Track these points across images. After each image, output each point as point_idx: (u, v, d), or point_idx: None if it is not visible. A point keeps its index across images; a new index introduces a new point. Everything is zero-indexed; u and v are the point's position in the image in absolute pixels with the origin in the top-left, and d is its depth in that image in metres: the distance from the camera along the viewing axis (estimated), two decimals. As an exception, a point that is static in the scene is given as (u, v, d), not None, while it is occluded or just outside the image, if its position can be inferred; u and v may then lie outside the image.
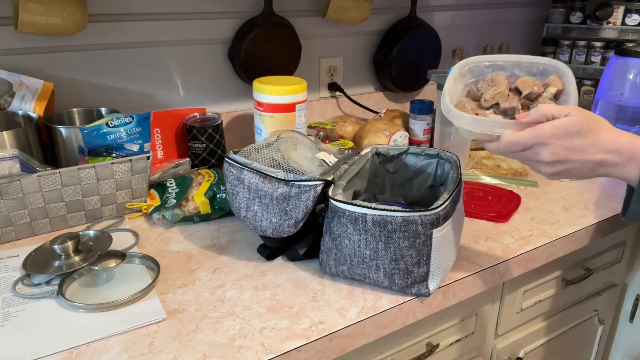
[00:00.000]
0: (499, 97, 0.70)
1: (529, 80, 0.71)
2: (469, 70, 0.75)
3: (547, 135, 0.60)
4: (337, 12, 1.25)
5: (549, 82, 0.71)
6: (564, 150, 0.61)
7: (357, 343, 0.70)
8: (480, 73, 0.75)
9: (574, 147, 0.61)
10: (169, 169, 1.04)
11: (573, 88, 0.68)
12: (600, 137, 0.61)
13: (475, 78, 0.75)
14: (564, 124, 0.60)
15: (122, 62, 1.11)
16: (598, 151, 0.61)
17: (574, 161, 0.61)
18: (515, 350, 1.04)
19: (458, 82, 0.74)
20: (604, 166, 0.62)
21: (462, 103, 0.71)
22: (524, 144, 0.62)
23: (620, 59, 1.24)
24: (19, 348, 0.62)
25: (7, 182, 0.81)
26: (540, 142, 0.61)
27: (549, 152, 0.61)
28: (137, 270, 0.79)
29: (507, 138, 0.63)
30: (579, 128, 0.60)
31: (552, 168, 0.62)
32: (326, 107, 1.42)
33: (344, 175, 0.81)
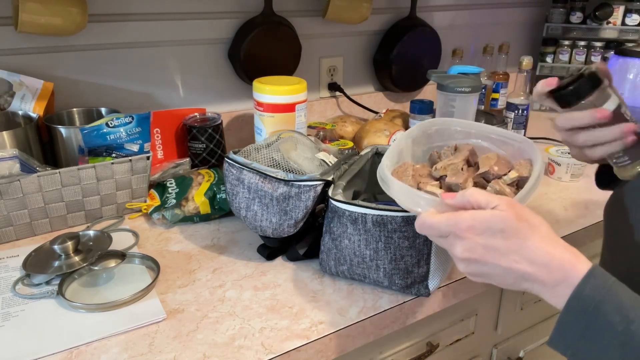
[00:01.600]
0: (450, 168, 0.61)
1: (494, 157, 0.62)
2: (437, 132, 0.66)
3: (463, 226, 0.49)
4: (337, 12, 1.25)
5: (515, 165, 0.62)
6: (480, 249, 0.49)
7: (357, 343, 0.70)
8: (448, 138, 0.66)
9: (493, 247, 0.49)
10: (169, 169, 1.04)
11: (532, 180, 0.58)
12: (530, 243, 0.48)
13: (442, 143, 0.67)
14: (486, 218, 0.49)
15: (122, 62, 1.11)
16: (522, 260, 0.49)
17: (492, 265, 0.49)
18: (515, 350, 1.04)
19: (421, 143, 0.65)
20: (529, 281, 0.49)
21: (405, 166, 0.62)
22: (439, 229, 0.51)
23: (620, 59, 1.24)
24: (19, 348, 0.62)
25: (7, 182, 0.81)
26: (456, 233, 0.50)
27: (463, 248, 0.50)
28: (137, 270, 0.79)
29: (423, 218, 0.52)
30: (504, 226, 0.48)
31: (467, 267, 0.51)
32: (326, 107, 1.42)
33: (344, 175, 0.81)
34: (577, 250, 0.49)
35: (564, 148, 1.18)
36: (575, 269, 0.47)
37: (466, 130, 0.66)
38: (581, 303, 0.46)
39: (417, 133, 0.65)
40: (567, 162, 1.12)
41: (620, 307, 0.45)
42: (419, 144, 0.66)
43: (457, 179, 0.60)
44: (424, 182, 0.61)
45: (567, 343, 0.48)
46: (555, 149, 1.17)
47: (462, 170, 0.61)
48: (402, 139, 0.63)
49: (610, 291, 0.46)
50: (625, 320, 0.45)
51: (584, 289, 0.46)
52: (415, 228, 0.54)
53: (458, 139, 0.67)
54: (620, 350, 0.45)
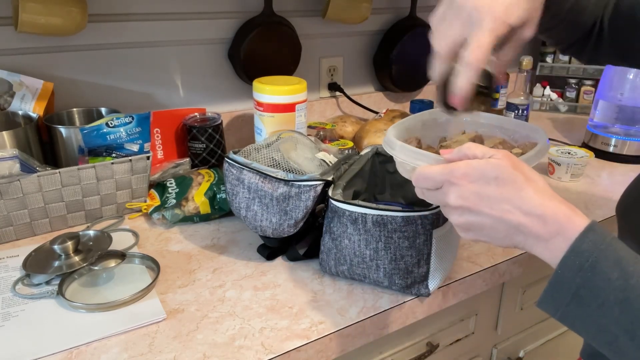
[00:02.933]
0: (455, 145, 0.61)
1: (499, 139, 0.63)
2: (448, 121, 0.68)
3: (458, 173, 0.49)
4: (337, 12, 1.25)
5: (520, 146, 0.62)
6: (473, 196, 0.48)
7: (357, 343, 0.70)
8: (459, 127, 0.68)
9: (486, 195, 0.47)
10: (169, 169, 1.04)
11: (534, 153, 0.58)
12: (524, 193, 0.47)
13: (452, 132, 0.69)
14: (481, 165, 0.48)
15: (122, 62, 1.11)
16: (516, 210, 0.47)
17: (485, 214, 0.48)
18: (515, 350, 1.04)
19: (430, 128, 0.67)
20: (523, 233, 0.47)
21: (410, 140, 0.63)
22: (434, 179, 0.51)
23: (620, 59, 1.23)
24: (19, 348, 0.62)
25: (7, 182, 0.81)
26: (450, 181, 0.49)
27: (456, 195, 0.49)
28: (137, 270, 0.79)
29: (419, 170, 0.52)
30: (499, 174, 0.47)
31: (459, 216, 0.50)
32: (326, 107, 1.42)
33: (344, 175, 0.81)
34: (573, 206, 0.48)
35: (563, 148, 1.18)
36: (572, 222, 0.46)
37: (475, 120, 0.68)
38: (578, 258, 0.44)
39: (428, 117, 0.66)
40: (567, 162, 1.12)
41: (618, 261, 0.43)
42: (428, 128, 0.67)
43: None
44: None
45: (557, 303, 0.46)
46: (555, 149, 1.17)
47: None
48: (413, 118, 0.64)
49: (610, 246, 0.44)
50: (624, 275, 0.42)
51: (582, 243, 0.44)
52: (412, 181, 0.54)
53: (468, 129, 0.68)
54: (617, 307, 0.42)
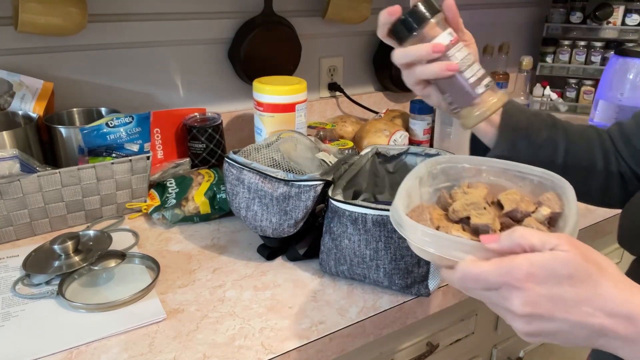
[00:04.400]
0: (472, 208, 0.52)
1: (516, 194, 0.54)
2: (443, 172, 0.60)
3: (521, 274, 0.40)
4: (337, 12, 1.25)
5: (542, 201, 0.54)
6: (545, 302, 0.40)
7: (357, 343, 0.70)
8: (456, 177, 0.60)
9: (561, 298, 0.40)
10: (169, 169, 1.04)
11: (573, 212, 0.49)
12: (604, 290, 0.40)
13: (450, 182, 0.60)
14: (549, 262, 0.40)
15: (122, 62, 1.11)
16: (597, 311, 0.40)
17: (560, 320, 0.40)
18: (515, 350, 1.04)
19: (425, 183, 0.59)
20: (606, 336, 0.40)
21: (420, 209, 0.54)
22: (487, 281, 0.41)
23: (620, 59, 1.24)
24: (19, 348, 0.62)
25: (7, 182, 0.81)
26: (511, 284, 0.40)
27: (523, 301, 0.40)
28: (137, 270, 0.79)
29: (464, 268, 0.43)
30: (572, 270, 0.40)
31: (527, 325, 0.41)
32: (326, 107, 1.42)
33: (344, 175, 0.81)
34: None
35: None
36: None
37: (476, 166, 0.59)
38: None
39: (423, 172, 0.58)
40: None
41: None
42: (424, 184, 0.59)
43: (485, 220, 0.51)
44: (444, 226, 0.52)
45: None
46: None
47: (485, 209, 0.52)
48: (409, 179, 0.56)
49: None
50: None
51: None
52: (454, 282, 0.44)
53: (467, 177, 0.60)
54: None
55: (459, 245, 0.44)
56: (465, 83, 0.59)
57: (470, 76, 0.59)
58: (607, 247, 1.11)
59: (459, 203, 0.53)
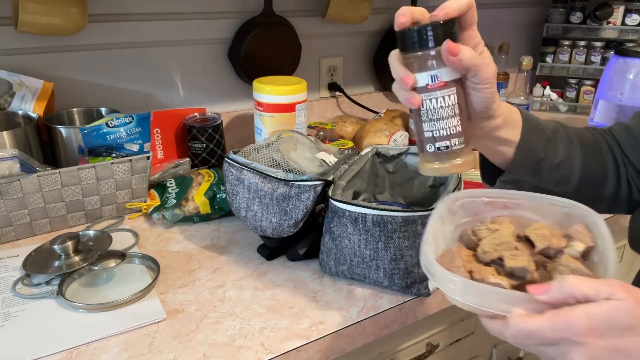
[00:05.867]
0: (503, 249, 0.49)
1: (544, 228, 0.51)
2: (462, 207, 0.56)
3: (581, 329, 0.38)
4: (337, 12, 1.25)
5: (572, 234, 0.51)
6: (608, 355, 0.38)
7: (357, 343, 0.70)
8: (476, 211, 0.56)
9: (624, 350, 0.38)
10: (169, 169, 1.04)
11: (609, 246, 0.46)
12: None
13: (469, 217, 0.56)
14: (607, 313, 0.38)
15: (122, 62, 1.11)
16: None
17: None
18: (516, 350, 1.04)
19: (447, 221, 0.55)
20: None
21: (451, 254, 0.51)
22: (544, 337, 0.39)
23: (620, 59, 1.24)
24: (19, 348, 0.62)
25: (7, 182, 0.81)
26: (571, 339, 0.39)
27: (585, 357, 0.39)
28: (137, 270, 0.79)
29: (517, 324, 0.40)
30: (633, 320, 0.38)
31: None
32: (326, 107, 1.42)
33: (344, 175, 0.81)
34: None
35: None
36: None
37: (496, 200, 0.56)
38: None
39: (442, 211, 0.55)
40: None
41: None
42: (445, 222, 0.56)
43: (521, 263, 0.48)
44: (477, 270, 0.48)
45: None
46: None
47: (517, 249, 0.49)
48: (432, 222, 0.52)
49: None
50: None
51: None
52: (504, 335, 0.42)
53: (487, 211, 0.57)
54: None
55: (505, 297, 0.42)
56: (420, 132, 0.52)
57: (427, 129, 0.52)
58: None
59: (487, 243, 0.50)
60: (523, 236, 0.52)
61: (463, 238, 0.54)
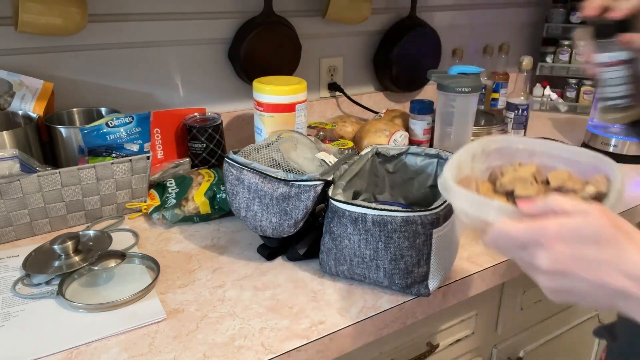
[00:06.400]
0: (518, 182, 0.54)
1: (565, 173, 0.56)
2: (497, 151, 0.61)
3: (550, 234, 0.43)
4: (337, 12, 1.25)
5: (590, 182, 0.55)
6: (569, 260, 0.42)
7: (357, 343, 0.70)
8: (510, 157, 0.61)
9: (584, 258, 0.42)
10: (169, 169, 1.04)
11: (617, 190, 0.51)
12: (628, 255, 0.41)
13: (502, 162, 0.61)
14: (578, 225, 0.42)
15: (122, 62, 1.11)
16: (619, 274, 0.41)
17: (582, 279, 0.42)
18: (515, 350, 1.04)
19: (479, 160, 0.60)
20: (625, 299, 0.42)
21: (469, 180, 0.56)
22: (517, 239, 0.44)
23: (620, 59, 1.23)
24: (19, 348, 0.62)
25: (7, 182, 0.81)
26: (539, 242, 0.43)
27: (550, 259, 0.43)
28: (137, 270, 0.79)
29: (498, 227, 0.46)
30: (598, 234, 0.42)
31: (551, 281, 0.44)
32: (326, 107, 1.42)
33: (344, 175, 0.81)
34: None
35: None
36: None
37: (529, 148, 0.61)
38: None
39: (476, 149, 0.59)
40: (567, 162, 1.12)
41: None
42: (477, 161, 0.60)
43: (528, 193, 0.53)
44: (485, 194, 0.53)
45: None
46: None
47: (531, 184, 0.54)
48: (462, 153, 0.58)
49: None
50: None
51: None
52: (488, 241, 0.47)
53: (520, 157, 0.61)
54: None
55: (497, 209, 0.47)
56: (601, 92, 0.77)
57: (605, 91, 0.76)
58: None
59: (507, 177, 0.55)
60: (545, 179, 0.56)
61: (491, 177, 0.59)
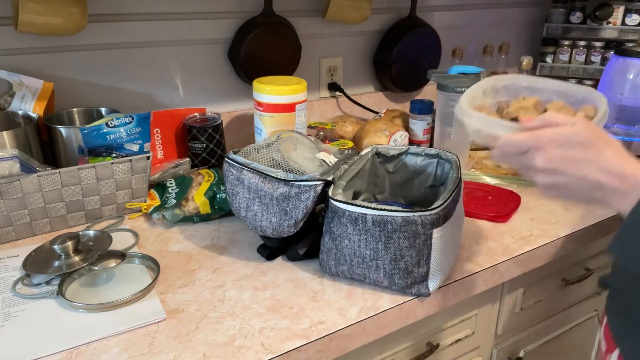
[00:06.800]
0: (521, 110, 0.67)
1: (560, 103, 0.68)
2: (505, 88, 0.72)
3: (545, 139, 0.56)
4: (337, 12, 1.25)
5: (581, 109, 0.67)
6: (560, 160, 0.56)
7: (357, 343, 0.70)
8: (516, 93, 0.72)
9: (572, 157, 0.55)
10: (169, 169, 1.04)
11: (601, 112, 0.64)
12: (606, 155, 0.54)
13: (509, 97, 0.72)
14: (566, 132, 0.55)
15: (122, 62, 1.11)
16: (598, 170, 0.54)
17: (570, 175, 0.56)
18: (515, 350, 1.04)
19: (489, 95, 0.72)
20: (602, 190, 0.55)
21: (480, 107, 0.68)
22: (519, 145, 0.58)
23: (620, 59, 1.24)
24: (19, 348, 0.62)
25: (7, 182, 0.81)
26: (536, 147, 0.56)
27: (544, 158, 0.56)
28: (137, 270, 0.79)
29: (504, 139, 0.59)
30: (583, 139, 0.55)
31: (546, 177, 0.57)
32: (326, 107, 1.42)
33: (344, 175, 0.81)
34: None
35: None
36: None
37: (532, 85, 0.72)
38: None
39: (486, 86, 0.71)
40: (567, 162, 1.12)
41: None
42: (487, 96, 0.71)
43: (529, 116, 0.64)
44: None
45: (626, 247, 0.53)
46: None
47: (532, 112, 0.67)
48: (475, 89, 0.69)
49: None
50: None
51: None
52: (496, 151, 0.60)
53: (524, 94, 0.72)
54: None
55: (504, 126, 0.60)
56: None
57: None
58: (607, 245, 1.11)
59: (512, 107, 0.68)
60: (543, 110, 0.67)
61: (499, 109, 0.70)
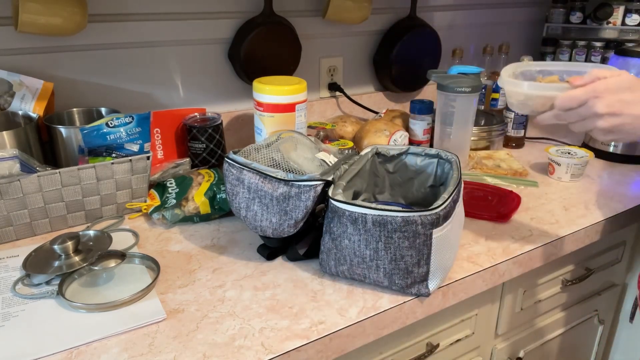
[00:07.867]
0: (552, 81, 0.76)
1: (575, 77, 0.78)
2: (522, 74, 0.81)
3: (601, 89, 0.66)
4: (337, 12, 1.25)
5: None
6: (617, 103, 0.65)
7: (357, 343, 0.70)
8: (531, 78, 0.80)
9: (626, 100, 0.65)
10: (169, 169, 1.04)
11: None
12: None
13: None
14: (617, 80, 0.66)
15: (122, 62, 1.11)
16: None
17: (627, 115, 0.66)
18: (515, 350, 1.04)
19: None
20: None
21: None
22: (579, 98, 0.67)
23: (620, 59, 1.24)
24: (19, 348, 0.62)
25: (7, 182, 0.81)
26: (594, 96, 0.66)
27: (604, 104, 0.66)
28: (137, 270, 0.79)
29: (564, 94, 0.68)
30: (631, 84, 0.66)
31: (606, 122, 0.66)
32: (326, 107, 1.42)
33: (344, 175, 0.81)
34: None
35: (563, 148, 1.18)
36: None
37: (545, 69, 0.82)
38: None
39: (509, 72, 0.79)
40: (567, 162, 1.12)
41: None
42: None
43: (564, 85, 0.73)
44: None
45: None
46: (554, 149, 1.18)
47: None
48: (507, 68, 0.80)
49: None
50: None
51: None
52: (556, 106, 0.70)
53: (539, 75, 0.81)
54: None
55: (556, 87, 0.71)
56: None
57: None
58: (608, 245, 1.11)
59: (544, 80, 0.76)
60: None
61: None
